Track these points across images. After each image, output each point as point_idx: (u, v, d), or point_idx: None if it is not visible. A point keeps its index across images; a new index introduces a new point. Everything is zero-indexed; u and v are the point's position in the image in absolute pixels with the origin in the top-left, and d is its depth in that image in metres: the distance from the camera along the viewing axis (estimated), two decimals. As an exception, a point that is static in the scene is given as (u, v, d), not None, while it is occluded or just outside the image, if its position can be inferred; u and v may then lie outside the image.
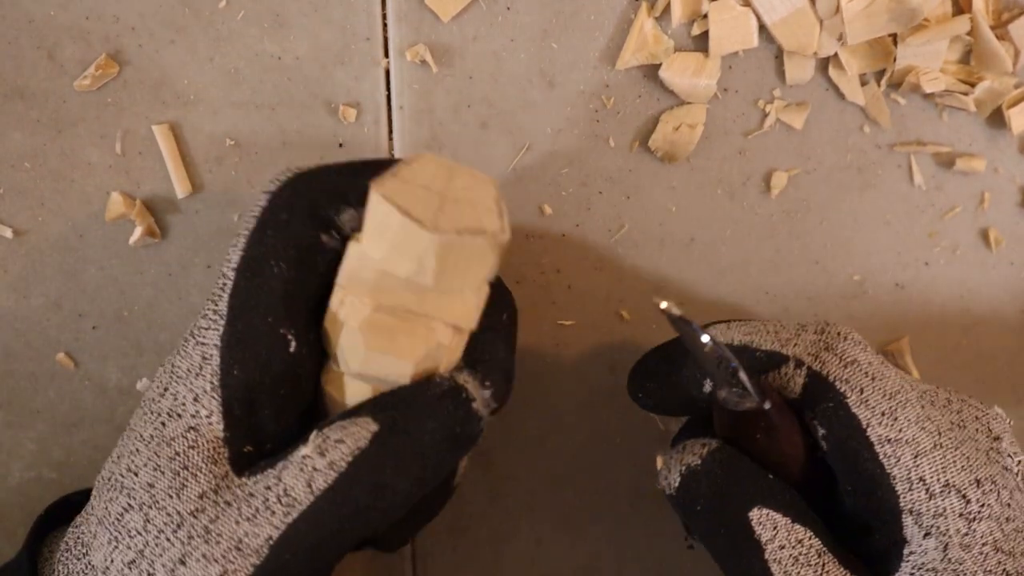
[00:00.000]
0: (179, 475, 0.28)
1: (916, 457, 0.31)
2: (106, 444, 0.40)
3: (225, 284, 0.29)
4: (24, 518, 0.40)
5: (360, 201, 0.29)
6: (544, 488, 0.42)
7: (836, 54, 0.37)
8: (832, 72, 0.38)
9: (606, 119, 0.38)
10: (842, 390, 0.31)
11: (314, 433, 0.28)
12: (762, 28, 0.37)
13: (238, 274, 0.29)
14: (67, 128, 0.36)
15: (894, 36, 0.37)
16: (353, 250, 0.29)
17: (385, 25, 0.37)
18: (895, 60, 0.37)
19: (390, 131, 0.38)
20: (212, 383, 0.29)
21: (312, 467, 0.27)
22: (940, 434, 0.31)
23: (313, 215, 0.30)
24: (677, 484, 0.32)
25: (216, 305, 0.29)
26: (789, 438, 0.32)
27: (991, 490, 0.31)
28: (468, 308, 0.30)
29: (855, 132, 0.39)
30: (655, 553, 0.43)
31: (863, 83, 0.38)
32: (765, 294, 0.41)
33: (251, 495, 0.28)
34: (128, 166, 0.37)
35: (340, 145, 0.38)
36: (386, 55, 0.37)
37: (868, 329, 0.42)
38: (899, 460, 0.31)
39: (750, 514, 0.30)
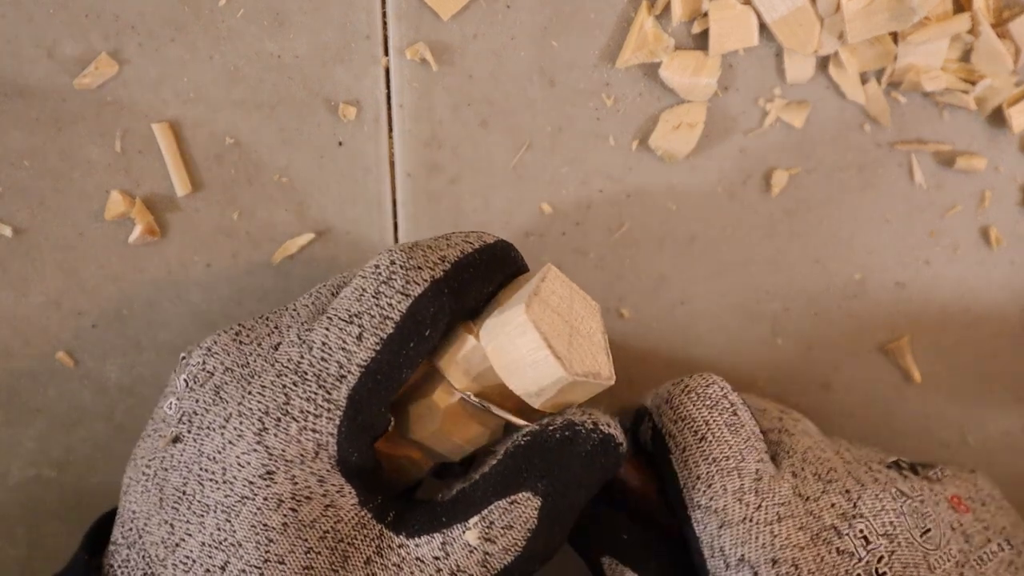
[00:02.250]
0: (336, 550, 0.29)
1: (721, 527, 0.31)
2: (105, 442, 0.40)
3: (344, 376, 0.29)
4: (23, 516, 0.40)
5: (484, 301, 0.31)
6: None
7: (836, 52, 0.37)
8: (832, 71, 0.38)
9: (606, 117, 0.38)
10: (668, 445, 0.33)
11: (476, 519, 0.29)
12: (762, 26, 0.37)
13: (366, 375, 0.29)
14: (67, 126, 0.36)
15: (894, 34, 0.37)
16: (467, 342, 0.30)
17: (385, 23, 0.37)
18: (895, 58, 0.37)
19: (390, 129, 0.38)
20: (331, 464, 0.29)
21: (484, 551, 0.29)
22: (760, 508, 0.31)
23: (448, 328, 0.30)
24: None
25: (330, 394, 0.29)
26: (635, 489, 0.34)
27: (787, 572, 0.31)
28: (533, 418, 0.31)
29: (855, 131, 0.39)
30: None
31: (863, 81, 0.38)
32: (765, 293, 0.41)
33: (420, 560, 0.29)
34: (128, 164, 0.37)
35: (340, 144, 0.38)
36: (386, 53, 0.37)
37: (868, 328, 0.42)
38: (706, 527, 0.31)
39: (602, 559, 0.33)
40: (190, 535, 0.29)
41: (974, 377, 0.43)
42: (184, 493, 0.29)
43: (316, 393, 0.29)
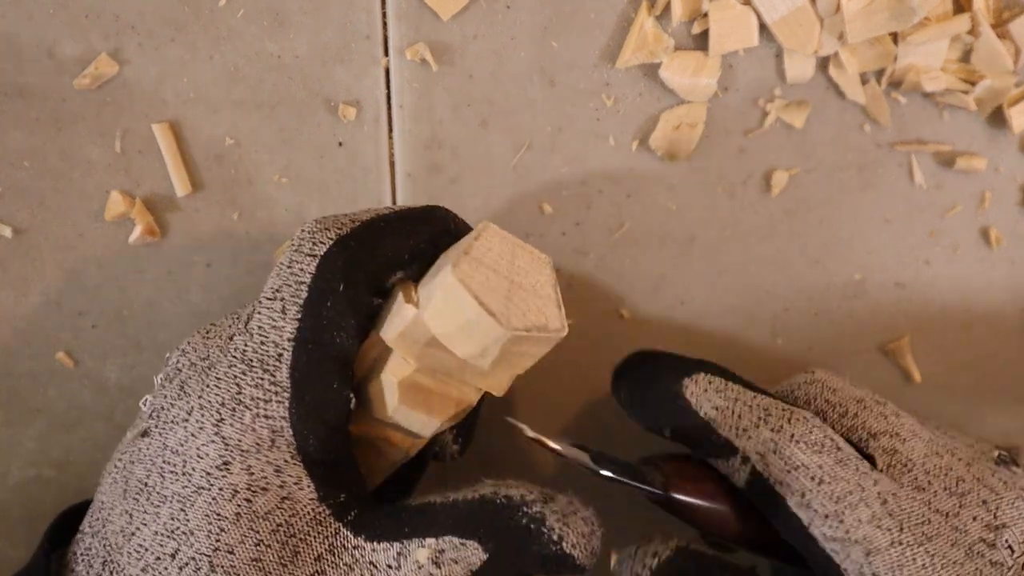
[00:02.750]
0: (287, 544, 0.29)
1: (868, 555, 0.31)
2: (105, 442, 0.40)
3: (280, 355, 0.29)
4: (24, 517, 0.40)
5: (410, 261, 0.30)
6: (544, 487, 0.42)
7: (836, 53, 0.37)
8: (832, 71, 0.38)
9: (606, 118, 0.38)
10: (781, 493, 0.32)
11: (432, 541, 0.29)
12: (762, 27, 0.37)
13: (297, 346, 0.29)
14: (67, 127, 0.36)
15: (894, 35, 0.37)
16: (408, 312, 0.29)
17: (385, 23, 0.37)
18: (895, 59, 0.37)
19: (390, 130, 0.38)
20: (290, 453, 0.29)
21: (430, 572, 0.29)
22: (903, 530, 0.31)
23: (369, 284, 0.30)
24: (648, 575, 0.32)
25: (274, 376, 0.29)
26: (711, 515, 0.34)
27: None
28: (503, 379, 0.31)
29: (855, 131, 0.39)
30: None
31: (863, 82, 0.38)
32: (765, 293, 0.41)
33: (373, 565, 0.29)
34: (128, 165, 0.37)
35: (340, 144, 0.38)
36: (386, 53, 0.37)
37: (869, 328, 0.42)
38: (849, 555, 0.31)
39: None
40: (145, 524, 0.29)
41: (974, 377, 0.43)
42: (146, 484, 0.30)
43: (262, 378, 0.29)
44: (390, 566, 0.29)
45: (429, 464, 0.35)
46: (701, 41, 0.37)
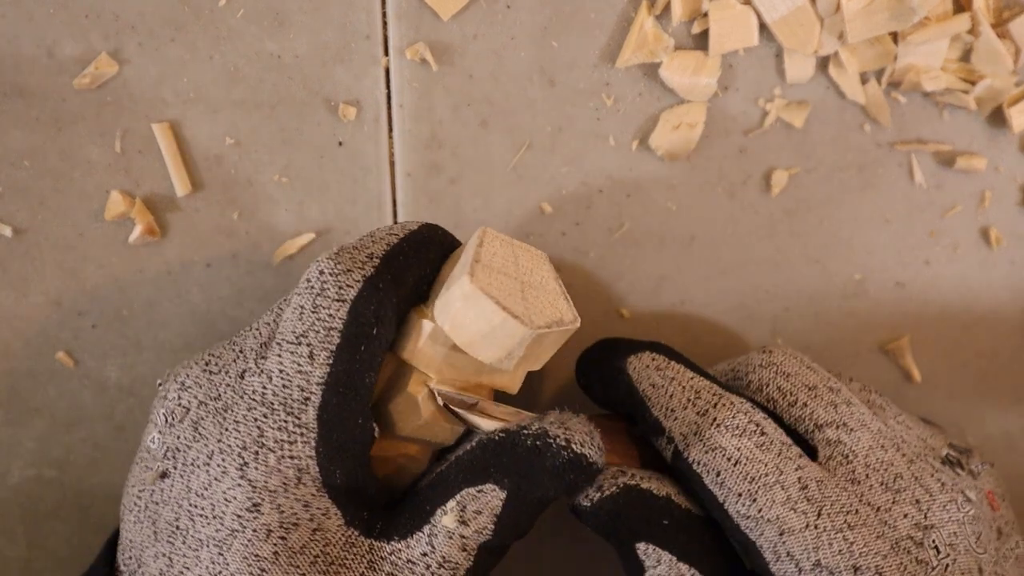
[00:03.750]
0: (328, 572, 0.29)
1: (782, 535, 0.31)
2: (105, 442, 0.40)
3: (308, 399, 0.29)
4: (23, 516, 0.40)
5: (425, 284, 0.31)
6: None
7: (836, 52, 0.37)
8: (832, 71, 0.38)
9: (606, 117, 0.38)
10: (698, 471, 0.32)
11: (453, 503, 0.30)
12: (762, 26, 0.37)
13: (327, 390, 0.29)
14: (67, 126, 0.36)
15: (894, 34, 0.37)
16: (424, 327, 0.30)
17: (385, 23, 0.37)
18: (895, 58, 0.37)
19: (390, 130, 0.38)
20: (316, 487, 0.29)
21: (461, 535, 0.29)
22: (820, 515, 0.31)
23: (397, 320, 0.30)
24: (588, 506, 0.33)
25: (299, 418, 0.29)
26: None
27: None
28: (518, 377, 0.31)
29: (855, 131, 0.39)
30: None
31: (863, 81, 0.38)
32: (765, 293, 0.41)
33: (411, 562, 0.29)
34: (128, 165, 0.37)
35: (340, 144, 0.38)
36: (386, 53, 0.37)
37: (869, 328, 0.42)
38: (763, 533, 0.31)
39: (636, 545, 0.32)
40: (187, 568, 0.30)
41: (974, 377, 0.43)
42: (178, 528, 0.30)
43: (286, 421, 0.29)
44: (425, 553, 0.29)
45: None
46: (701, 41, 0.37)
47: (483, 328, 0.28)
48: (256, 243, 0.38)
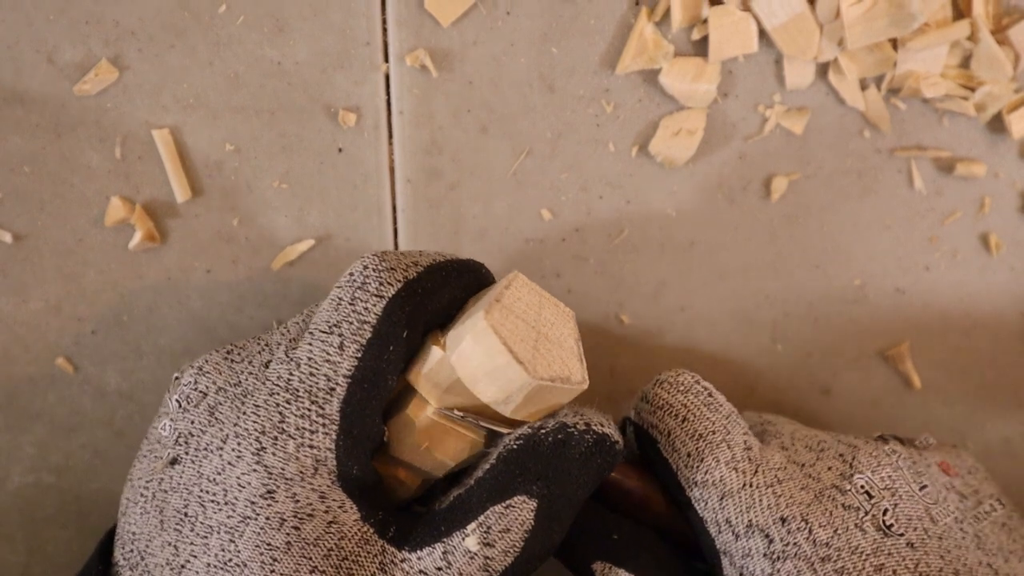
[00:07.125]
0: (341, 568, 0.29)
1: (722, 499, 0.31)
2: (105, 448, 0.40)
3: (333, 389, 0.29)
4: (23, 522, 0.40)
5: (454, 309, 0.31)
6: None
7: (836, 59, 0.37)
8: (832, 77, 0.38)
9: (606, 124, 0.38)
10: (653, 435, 0.33)
11: (474, 525, 0.29)
12: (762, 33, 0.37)
13: (353, 384, 0.29)
14: (67, 132, 0.36)
15: (894, 41, 0.37)
16: (434, 354, 0.30)
17: (385, 30, 0.37)
18: (895, 65, 0.37)
19: (390, 136, 0.38)
20: (331, 479, 0.29)
21: (485, 556, 0.29)
22: (756, 473, 0.31)
23: (424, 331, 0.30)
24: None
25: (322, 408, 0.29)
26: (634, 491, 0.34)
27: (799, 528, 0.31)
28: (512, 425, 0.31)
29: (855, 137, 0.39)
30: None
31: (863, 88, 0.38)
32: (765, 298, 0.41)
33: (423, 573, 0.29)
34: (128, 170, 0.37)
35: (340, 150, 0.38)
36: (386, 60, 0.37)
37: (868, 334, 0.42)
38: (707, 503, 0.32)
39: (592, 566, 0.32)
40: (195, 556, 0.29)
41: (974, 383, 0.43)
42: (186, 515, 0.29)
43: (309, 409, 0.29)
44: (439, 568, 0.29)
45: None
46: (701, 47, 0.37)
47: (486, 366, 0.29)
48: (256, 249, 0.38)
